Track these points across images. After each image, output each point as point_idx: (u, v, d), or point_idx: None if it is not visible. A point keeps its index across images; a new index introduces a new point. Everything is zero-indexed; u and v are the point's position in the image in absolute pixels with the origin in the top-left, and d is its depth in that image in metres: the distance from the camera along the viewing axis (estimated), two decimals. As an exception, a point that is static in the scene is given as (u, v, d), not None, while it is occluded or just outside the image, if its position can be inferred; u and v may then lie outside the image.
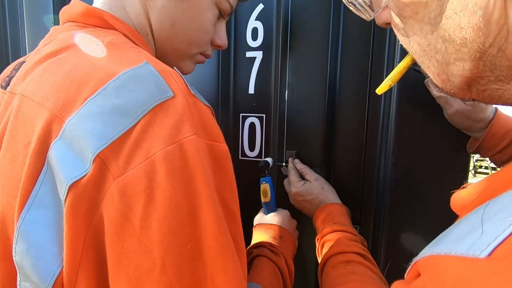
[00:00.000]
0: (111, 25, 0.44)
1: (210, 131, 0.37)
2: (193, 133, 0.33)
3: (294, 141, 0.80)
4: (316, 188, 0.72)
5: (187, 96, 0.36)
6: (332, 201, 0.70)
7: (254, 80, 0.82)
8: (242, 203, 0.44)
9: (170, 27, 0.48)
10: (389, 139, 0.71)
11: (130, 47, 0.41)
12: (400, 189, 0.71)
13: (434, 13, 0.24)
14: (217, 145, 0.37)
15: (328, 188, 0.73)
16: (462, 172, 0.68)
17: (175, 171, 0.32)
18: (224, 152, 0.38)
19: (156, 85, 0.35)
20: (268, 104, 0.81)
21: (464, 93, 0.27)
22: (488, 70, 0.23)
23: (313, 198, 0.71)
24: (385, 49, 0.69)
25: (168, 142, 0.32)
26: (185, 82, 0.38)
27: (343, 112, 0.76)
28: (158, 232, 0.31)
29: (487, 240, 0.18)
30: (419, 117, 0.68)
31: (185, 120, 0.34)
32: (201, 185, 0.33)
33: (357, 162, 0.76)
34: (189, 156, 0.33)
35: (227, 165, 0.38)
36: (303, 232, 0.81)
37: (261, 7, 0.78)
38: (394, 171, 0.71)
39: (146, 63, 0.36)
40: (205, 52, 0.55)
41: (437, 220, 0.69)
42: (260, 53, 0.80)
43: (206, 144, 0.35)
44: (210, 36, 0.52)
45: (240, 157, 0.85)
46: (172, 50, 0.51)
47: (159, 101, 0.33)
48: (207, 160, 0.35)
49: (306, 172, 0.76)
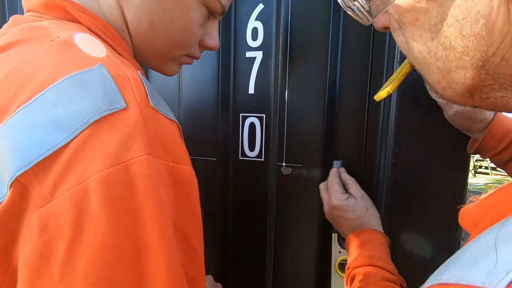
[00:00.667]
0: (75, 17, 0.38)
1: (171, 150, 0.31)
2: (146, 152, 0.28)
3: (294, 141, 0.80)
4: (361, 207, 0.64)
5: (144, 107, 0.30)
6: (374, 227, 0.63)
7: (254, 80, 0.82)
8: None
9: (149, 27, 0.42)
10: (389, 139, 0.71)
11: None
12: (400, 189, 0.71)
13: (435, 20, 0.23)
14: (179, 167, 0.31)
15: (372, 210, 0.66)
16: (462, 172, 0.68)
17: (114, 200, 0.26)
18: (187, 176, 0.32)
19: (106, 93, 0.29)
20: (268, 104, 0.81)
21: (466, 100, 0.26)
22: (491, 79, 0.23)
23: (354, 218, 0.63)
24: (385, 49, 0.69)
25: (110, 163, 0.26)
26: (147, 90, 0.33)
27: (343, 112, 0.76)
28: (83, 281, 0.24)
29: (504, 268, 0.17)
30: (419, 117, 0.68)
31: (137, 137, 0.28)
32: (151, 218, 0.27)
33: (357, 162, 0.76)
34: (137, 181, 0.27)
35: (191, 192, 0.33)
36: (302, 232, 0.81)
37: (261, 7, 0.78)
38: (394, 171, 0.71)
39: (99, 66, 0.31)
40: (191, 54, 0.49)
41: (437, 220, 0.69)
42: (260, 53, 0.80)
43: (164, 166, 0.30)
44: (196, 38, 0.47)
45: (240, 157, 0.85)
46: (152, 51, 0.45)
47: (106, 113, 0.28)
48: (165, 185, 0.29)
49: (351, 185, 0.68)
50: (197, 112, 0.87)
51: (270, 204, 0.84)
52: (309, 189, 0.80)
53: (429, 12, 0.23)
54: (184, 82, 0.87)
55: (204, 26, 0.47)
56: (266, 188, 0.84)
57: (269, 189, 0.84)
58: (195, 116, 0.87)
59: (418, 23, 0.25)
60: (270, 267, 0.86)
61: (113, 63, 0.33)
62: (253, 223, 0.86)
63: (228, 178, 0.88)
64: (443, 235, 0.69)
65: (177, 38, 0.44)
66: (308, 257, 0.82)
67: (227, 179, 0.88)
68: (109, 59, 0.33)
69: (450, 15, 0.22)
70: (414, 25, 0.25)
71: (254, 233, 0.87)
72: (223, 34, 0.82)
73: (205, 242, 0.40)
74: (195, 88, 0.86)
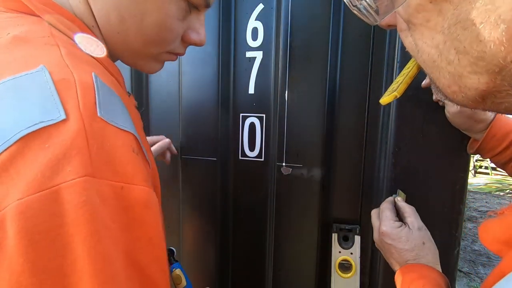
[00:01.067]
0: (33, 11, 0.34)
1: (121, 168, 0.27)
2: (83, 174, 0.24)
3: (294, 141, 0.80)
4: (416, 239, 0.56)
5: (88, 119, 0.26)
6: (431, 264, 0.54)
7: (254, 80, 0.82)
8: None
9: (119, 22, 0.37)
10: (389, 139, 0.71)
11: (44, 43, 0.31)
12: (400, 189, 0.71)
13: (449, 22, 0.22)
14: (130, 188, 0.27)
15: (430, 246, 0.56)
16: (462, 172, 0.68)
17: (35, 235, 0.22)
18: (141, 198, 0.27)
19: (42, 102, 0.25)
20: (268, 104, 0.81)
21: (477, 105, 0.25)
22: (507, 85, 0.21)
23: (406, 250, 0.55)
24: (385, 49, 0.69)
25: (34, 188, 0.22)
26: (97, 97, 0.28)
27: (343, 112, 0.76)
28: None
29: None
30: (419, 117, 0.68)
31: (73, 155, 0.24)
32: (83, 255, 0.23)
33: (357, 162, 0.76)
34: (67, 209, 0.23)
35: (146, 216, 0.28)
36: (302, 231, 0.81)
37: (261, 7, 0.78)
38: (394, 171, 0.71)
39: (42, 69, 0.26)
40: (173, 50, 0.44)
41: (437, 220, 0.69)
42: (260, 53, 0.80)
43: (111, 188, 0.25)
44: (175, 34, 0.42)
45: (240, 157, 0.85)
46: (126, 49, 0.41)
47: (38, 127, 0.24)
48: (111, 210, 0.25)
49: (409, 215, 0.60)
50: (197, 112, 0.87)
51: (270, 204, 0.84)
52: (309, 189, 0.80)
53: (443, 14, 0.22)
54: (184, 82, 0.87)
55: (185, 20, 0.43)
56: (266, 188, 0.84)
57: (269, 189, 0.84)
58: (195, 116, 0.87)
59: (430, 24, 0.23)
60: (270, 267, 0.86)
61: (62, 64, 0.28)
62: (253, 223, 0.86)
63: (228, 178, 0.88)
64: (443, 235, 0.69)
65: (151, 34, 0.39)
66: (308, 257, 0.82)
67: (227, 179, 0.88)
68: (58, 59, 0.29)
69: (466, 18, 0.20)
70: (425, 26, 0.24)
71: (254, 233, 0.87)
72: (223, 34, 0.82)
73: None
74: (195, 88, 0.86)
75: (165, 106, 0.91)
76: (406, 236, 0.56)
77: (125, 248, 0.26)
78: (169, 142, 0.83)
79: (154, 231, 0.28)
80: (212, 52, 0.83)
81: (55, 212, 0.23)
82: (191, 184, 0.90)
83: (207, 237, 0.89)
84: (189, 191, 0.90)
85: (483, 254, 3.11)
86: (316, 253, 0.80)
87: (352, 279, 0.74)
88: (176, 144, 0.90)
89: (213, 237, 0.89)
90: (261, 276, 0.87)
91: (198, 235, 0.90)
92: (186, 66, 0.86)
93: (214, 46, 0.82)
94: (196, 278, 0.92)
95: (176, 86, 0.89)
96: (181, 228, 0.93)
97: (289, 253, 0.84)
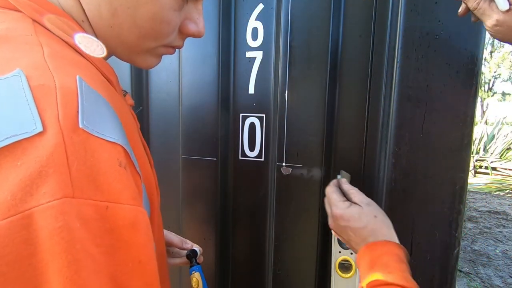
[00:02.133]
0: (15, 6, 0.31)
1: (106, 186, 0.24)
2: (61, 195, 0.21)
3: (294, 141, 0.80)
4: (367, 215, 0.57)
5: (68, 131, 0.23)
6: (387, 237, 0.54)
7: (254, 80, 0.82)
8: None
9: (111, 15, 0.35)
10: (389, 139, 0.71)
11: (25, 42, 0.28)
12: (400, 189, 0.71)
13: None
14: (116, 207, 0.24)
15: (382, 218, 0.57)
16: (462, 172, 0.68)
17: (2, 266, 0.20)
18: (128, 218, 0.25)
19: (16, 112, 0.22)
20: (268, 104, 0.81)
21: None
22: None
23: (361, 228, 0.56)
24: (385, 49, 0.69)
25: (3, 212, 0.20)
26: (80, 105, 0.25)
27: (343, 112, 0.76)
28: None
29: None
30: (419, 117, 0.68)
31: (50, 174, 0.21)
32: (59, 286, 0.20)
33: (357, 162, 0.76)
34: (41, 236, 0.20)
35: (134, 238, 0.25)
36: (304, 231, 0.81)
37: (261, 7, 0.78)
38: (394, 171, 0.71)
39: (18, 73, 0.24)
40: (170, 44, 0.41)
41: (437, 220, 0.69)
42: (260, 53, 0.80)
43: (94, 208, 0.23)
44: (172, 26, 0.39)
45: (240, 157, 0.85)
46: (120, 43, 0.38)
47: (9, 141, 0.21)
48: (94, 233, 0.23)
49: (354, 194, 0.61)
50: (197, 112, 0.87)
51: (270, 204, 0.84)
52: (309, 189, 0.80)
53: None
54: (184, 82, 0.87)
55: (182, 11, 0.40)
56: (266, 188, 0.84)
57: (269, 189, 0.84)
58: (195, 116, 0.87)
59: None
60: (270, 267, 0.86)
61: (42, 67, 0.26)
62: (253, 222, 0.86)
63: (228, 178, 0.88)
64: (443, 235, 0.69)
65: (146, 27, 0.37)
66: (308, 257, 0.82)
67: (227, 179, 0.88)
68: (39, 60, 0.26)
69: None
70: None
71: (254, 233, 0.87)
72: (223, 34, 0.82)
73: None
74: (195, 88, 0.86)
75: (165, 106, 0.91)
76: (358, 214, 0.57)
77: (111, 274, 0.23)
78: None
79: (143, 254, 0.26)
80: (212, 52, 0.83)
81: (27, 239, 0.20)
82: (191, 184, 0.90)
83: (207, 237, 0.89)
84: (189, 191, 0.90)
85: (483, 254, 3.11)
86: (316, 253, 0.80)
87: (352, 279, 0.74)
88: (176, 144, 0.90)
89: (213, 237, 0.89)
90: (261, 276, 0.87)
91: (198, 235, 0.90)
92: (186, 66, 0.86)
93: (214, 46, 0.82)
94: (196, 278, 0.92)
95: (176, 86, 0.89)
96: (181, 228, 0.93)
97: (289, 253, 0.84)
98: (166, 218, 0.95)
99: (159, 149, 0.93)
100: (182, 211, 0.92)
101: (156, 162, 0.43)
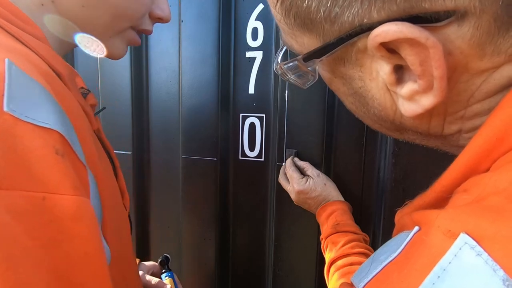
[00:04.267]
0: None
1: (41, 175, 0.22)
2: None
3: (294, 141, 0.80)
4: (319, 184, 0.72)
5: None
6: (335, 198, 0.72)
7: (254, 80, 0.82)
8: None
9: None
10: (389, 139, 0.71)
11: None
12: (400, 189, 0.71)
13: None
14: (54, 198, 0.23)
15: (330, 184, 0.74)
16: (462, 172, 0.68)
17: None
18: (69, 209, 0.23)
19: None
20: (268, 104, 0.81)
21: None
22: None
23: (317, 196, 0.71)
24: (385, 49, 0.69)
25: None
26: (7, 87, 0.23)
27: (343, 112, 0.76)
28: None
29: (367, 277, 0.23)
30: (419, 117, 0.68)
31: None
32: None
33: (357, 162, 0.76)
34: None
35: (78, 228, 0.24)
36: (306, 230, 0.81)
37: (261, 7, 0.78)
38: (394, 171, 0.71)
39: None
40: (139, 26, 0.41)
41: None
42: (260, 53, 0.80)
43: (27, 200, 0.21)
44: (145, 7, 0.39)
45: (240, 157, 0.85)
46: (90, 25, 0.36)
47: None
48: (28, 227, 0.21)
49: (307, 168, 0.75)
50: (197, 112, 0.87)
51: (270, 204, 0.84)
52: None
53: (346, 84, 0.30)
54: (184, 82, 0.87)
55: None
56: (266, 188, 0.84)
57: (269, 189, 0.84)
58: (195, 116, 0.87)
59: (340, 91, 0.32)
60: (270, 267, 0.86)
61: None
62: (253, 222, 0.86)
63: (228, 178, 0.88)
64: (443, 235, 0.69)
65: (121, 7, 0.36)
66: (308, 257, 0.82)
67: (227, 179, 0.88)
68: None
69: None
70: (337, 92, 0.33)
71: (254, 233, 0.87)
72: (223, 34, 0.82)
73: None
74: (195, 88, 0.86)
75: (165, 106, 0.91)
76: (313, 186, 0.71)
77: (52, 267, 0.22)
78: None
79: (89, 245, 0.24)
80: (212, 52, 0.83)
81: None
82: (191, 184, 0.90)
83: (207, 237, 0.89)
84: (189, 191, 0.90)
85: (483, 254, 3.11)
86: (316, 253, 0.81)
87: (352, 279, 0.74)
88: (176, 144, 0.90)
89: (213, 237, 0.89)
90: (261, 276, 0.87)
91: (198, 235, 0.90)
92: (186, 66, 0.86)
93: (214, 46, 0.82)
94: (196, 278, 0.92)
95: (176, 86, 0.89)
96: (181, 228, 0.93)
97: (289, 253, 0.84)
98: (166, 218, 0.95)
99: (159, 149, 0.93)
100: (182, 211, 0.92)
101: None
